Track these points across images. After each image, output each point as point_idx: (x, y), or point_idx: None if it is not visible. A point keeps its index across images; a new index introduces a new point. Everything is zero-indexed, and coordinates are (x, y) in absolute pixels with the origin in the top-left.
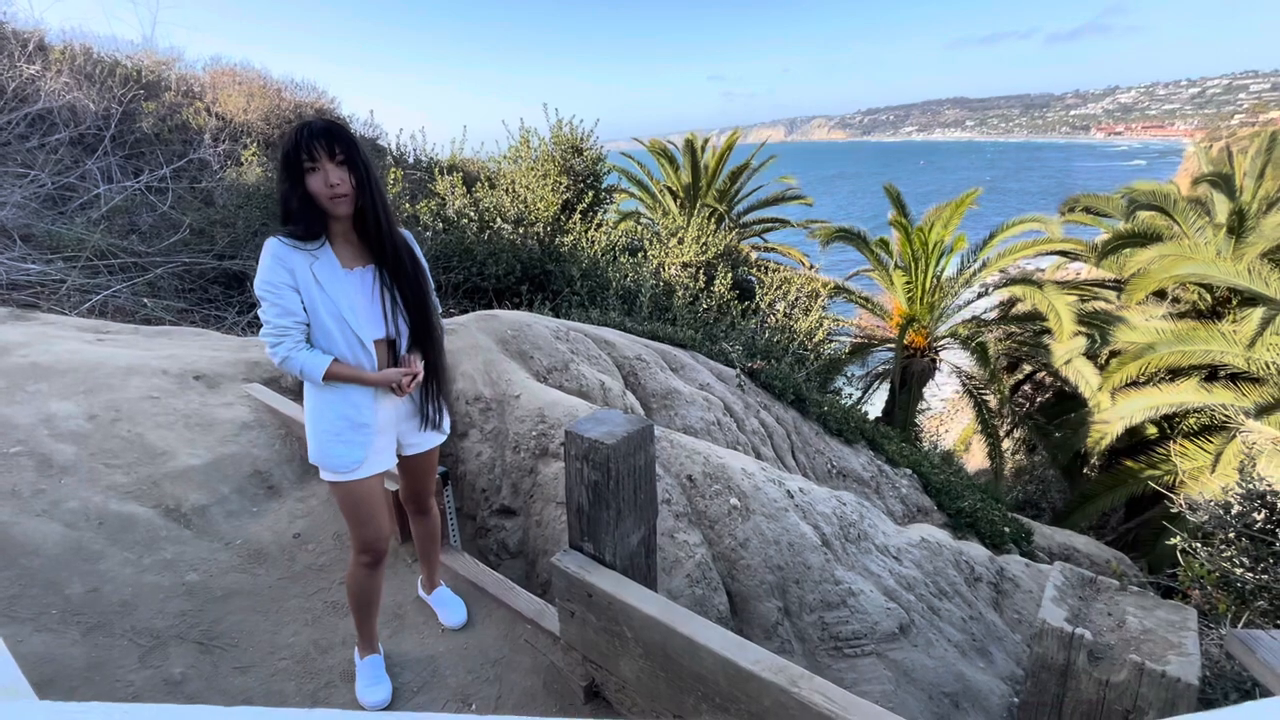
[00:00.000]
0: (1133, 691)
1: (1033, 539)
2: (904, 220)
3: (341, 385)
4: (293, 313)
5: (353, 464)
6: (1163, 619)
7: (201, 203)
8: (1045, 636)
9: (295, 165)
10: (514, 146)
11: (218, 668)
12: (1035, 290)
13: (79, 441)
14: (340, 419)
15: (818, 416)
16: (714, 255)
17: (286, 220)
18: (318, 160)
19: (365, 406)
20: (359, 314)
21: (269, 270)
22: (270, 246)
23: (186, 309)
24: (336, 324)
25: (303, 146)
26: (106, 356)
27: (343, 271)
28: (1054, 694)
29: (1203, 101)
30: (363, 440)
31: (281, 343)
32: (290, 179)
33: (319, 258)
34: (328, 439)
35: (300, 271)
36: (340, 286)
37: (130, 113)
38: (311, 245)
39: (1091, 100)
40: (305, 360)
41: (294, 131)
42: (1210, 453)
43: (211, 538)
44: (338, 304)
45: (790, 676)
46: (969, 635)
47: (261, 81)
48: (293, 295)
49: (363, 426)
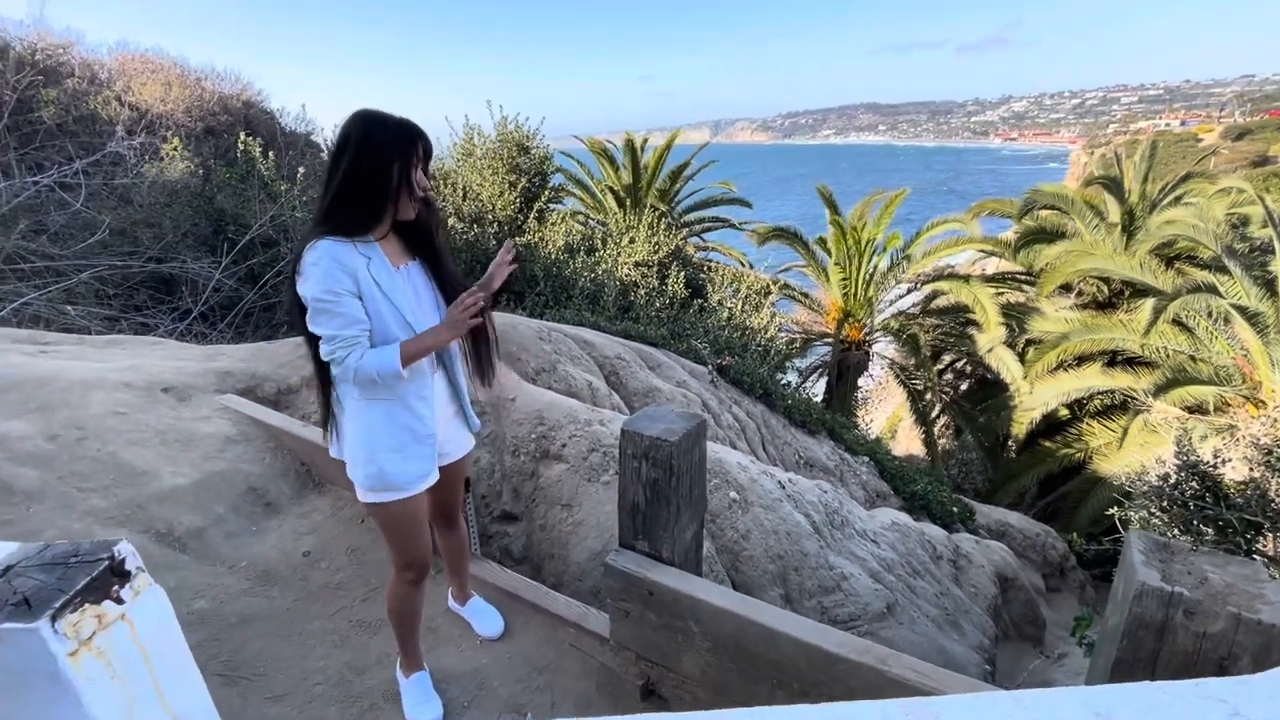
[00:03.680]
0: (1229, 640)
1: (975, 517)
2: (839, 219)
3: (400, 396)
4: (360, 320)
5: (420, 477)
6: (1237, 573)
7: (119, 201)
8: (1145, 596)
9: (411, 152)
10: (459, 144)
11: (247, 699)
12: (962, 284)
13: (42, 465)
14: (404, 431)
15: (784, 410)
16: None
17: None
18: (427, 158)
19: (426, 415)
20: (415, 313)
21: (330, 277)
22: (325, 249)
23: (113, 316)
24: (400, 328)
25: (425, 144)
26: (57, 370)
27: (394, 270)
28: (1150, 649)
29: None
30: (428, 452)
31: (351, 354)
32: (400, 162)
33: (372, 257)
34: (391, 456)
35: (360, 274)
36: (396, 286)
37: (26, 100)
38: (361, 242)
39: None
40: (378, 361)
41: (412, 128)
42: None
43: (213, 561)
44: (399, 307)
45: (878, 655)
46: (943, 610)
47: (179, 70)
48: (356, 303)
49: (427, 437)
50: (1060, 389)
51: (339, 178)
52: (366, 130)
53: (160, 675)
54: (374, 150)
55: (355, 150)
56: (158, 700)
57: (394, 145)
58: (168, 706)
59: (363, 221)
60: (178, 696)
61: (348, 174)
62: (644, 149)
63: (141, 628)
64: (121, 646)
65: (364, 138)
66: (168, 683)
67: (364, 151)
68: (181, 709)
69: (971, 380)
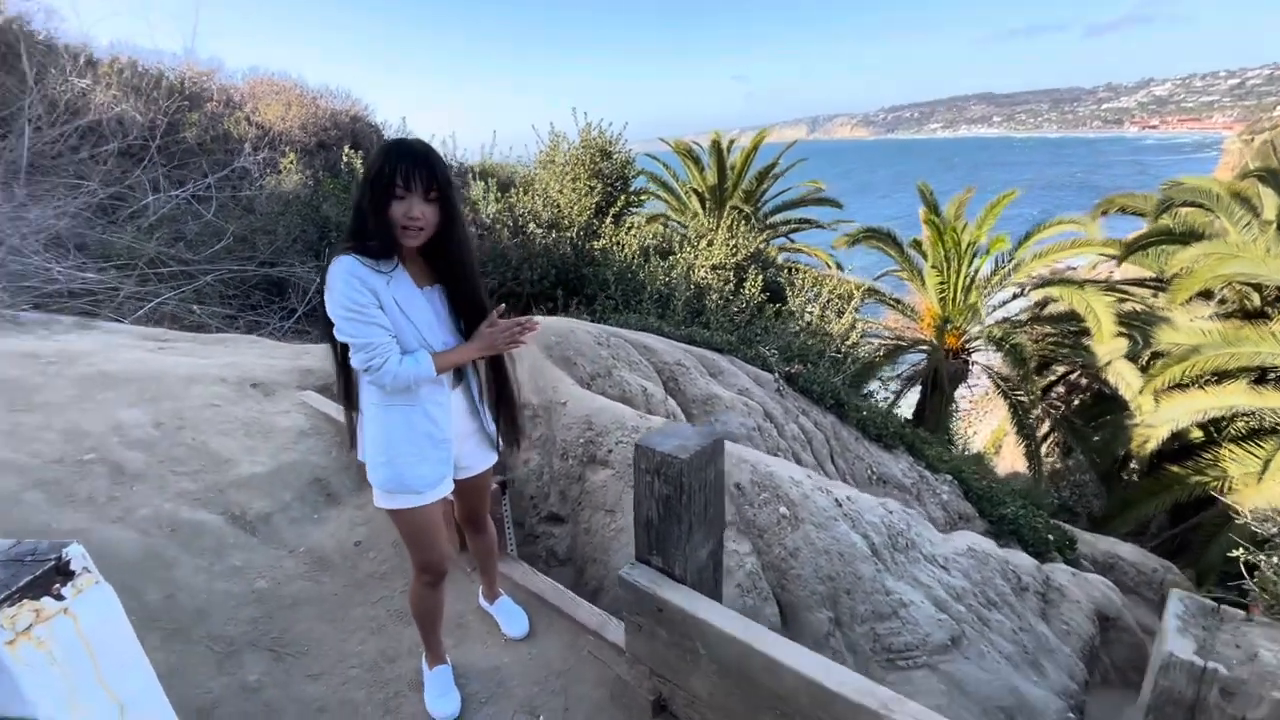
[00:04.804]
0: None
1: (1076, 547)
2: (937, 220)
3: (419, 402)
4: (383, 330)
5: (435, 481)
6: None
7: (243, 210)
8: (1173, 669)
9: (385, 187)
10: (544, 151)
11: (290, 675)
12: (1074, 290)
13: (147, 449)
14: (422, 436)
15: (856, 421)
16: (744, 257)
17: (358, 234)
18: (412, 191)
19: (442, 421)
20: (434, 335)
21: (352, 291)
22: (346, 265)
23: (232, 315)
24: (418, 346)
25: (400, 172)
26: (169, 365)
27: (416, 291)
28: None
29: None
30: (444, 456)
31: (389, 359)
32: (374, 198)
33: (393, 278)
34: (409, 459)
35: (381, 293)
36: (417, 308)
37: (175, 123)
38: (386, 265)
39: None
40: (415, 368)
41: (389, 152)
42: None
43: (276, 545)
44: (419, 328)
45: (880, 699)
46: (1020, 647)
47: (298, 90)
48: (381, 313)
49: (443, 442)
50: (1194, 407)
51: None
52: (368, 162)
53: (104, 665)
54: (360, 190)
55: (360, 180)
56: (101, 687)
57: (365, 186)
58: (112, 694)
59: (376, 249)
60: (123, 685)
61: (355, 202)
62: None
63: (85, 621)
64: (63, 637)
65: (365, 169)
66: (112, 672)
67: (358, 192)
68: (127, 696)
69: (1086, 395)
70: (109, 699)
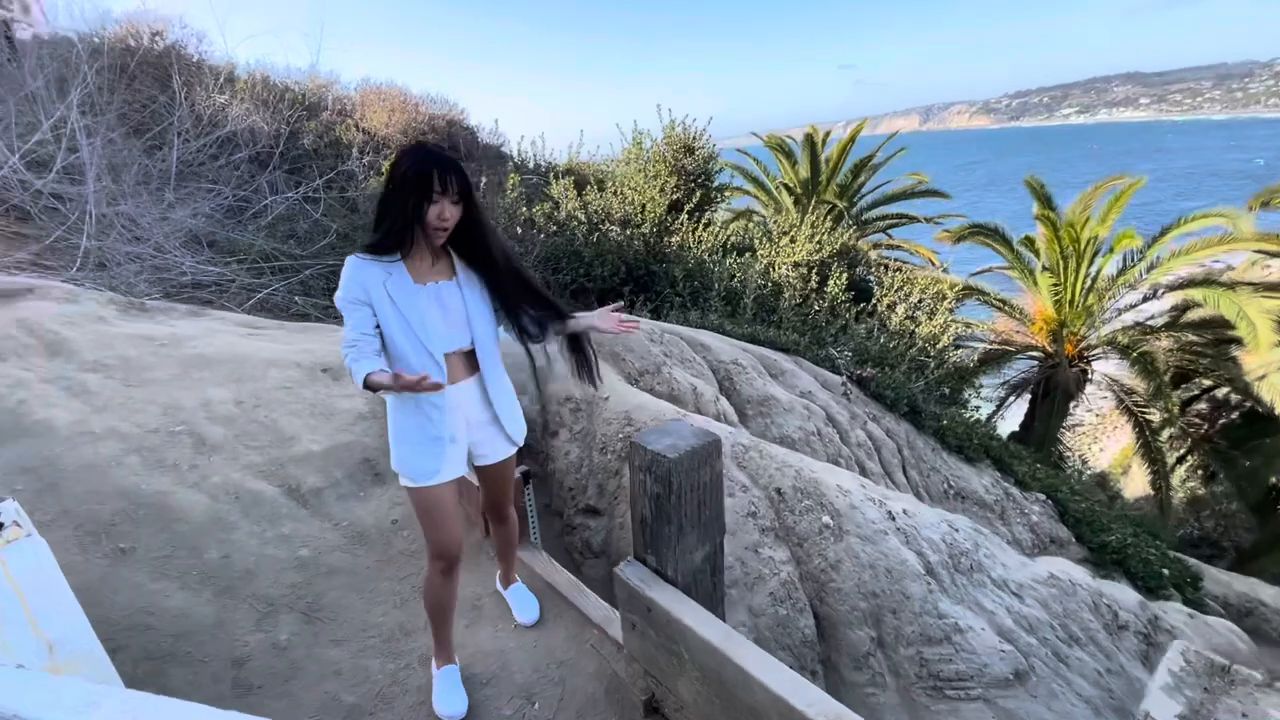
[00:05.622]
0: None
1: (1201, 585)
2: (1052, 215)
3: (416, 400)
4: (359, 326)
5: (429, 473)
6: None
7: (348, 210)
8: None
9: (424, 188)
10: (627, 149)
11: (317, 638)
12: (1222, 293)
13: (226, 424)
14: (417, 430)
15: (934, 431)
16: (829, 254)
17: (379, 225)
18: (446, 193)
19: (438, 420)
20: (429, 328)
21: (345, 288)
22: (352, 264)
23: (330, 305)
24: (408, 339)
25: (437, 177)
26: (254, 350)
27: (415, 287)
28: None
29: None
30: (438, 451)
31: (348, 354)
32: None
33: (392, 274)
34: (406, 448)
35: (375, 288)
36: (412, 302)
37: (295, 131)
38: (387, 260)
39: None
40: (354, 370)
41: (426, 156)
42: None
43: (323, 518)
44: (409, 320)
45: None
46: (1105, 691)
47: (402, 98)
48: (364, 311)
49: (436, 439)
50: None
51: (375, 203)
52: (394, 163)
53: (34, 607)
54: (391, 188)
55: (385, 180)
56: (29, 626)
57: (400, 185)
58: (41, 633)
59: (384, 244)
60: (52, 625)
61: (379, 199)
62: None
63: (14, 567)
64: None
65: (390, 169)
66: (42, 613)
67: (388, 182)
68: (56, 635)
69: (1234, 413)
70: (38, 637)
